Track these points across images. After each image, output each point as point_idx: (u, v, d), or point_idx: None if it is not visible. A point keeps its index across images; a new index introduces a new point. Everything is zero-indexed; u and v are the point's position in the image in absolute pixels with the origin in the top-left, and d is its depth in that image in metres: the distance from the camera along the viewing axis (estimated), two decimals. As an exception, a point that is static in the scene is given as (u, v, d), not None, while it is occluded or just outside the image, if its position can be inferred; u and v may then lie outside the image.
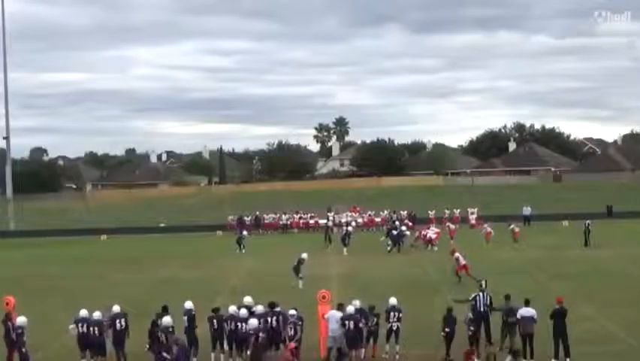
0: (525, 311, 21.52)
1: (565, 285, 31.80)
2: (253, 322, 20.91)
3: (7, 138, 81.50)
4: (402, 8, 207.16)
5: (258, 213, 67.62)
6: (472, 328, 21.68)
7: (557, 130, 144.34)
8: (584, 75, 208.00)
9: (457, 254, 35.16)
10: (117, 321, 21.65)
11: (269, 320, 21.53)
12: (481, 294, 22.75)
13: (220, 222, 67.73)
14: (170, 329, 20.72)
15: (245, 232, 53.03)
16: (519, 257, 42.64)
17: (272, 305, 22.10)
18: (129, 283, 37.49)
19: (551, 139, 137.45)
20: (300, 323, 21.49)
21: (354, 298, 22.84)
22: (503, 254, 44.31)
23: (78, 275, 41.73)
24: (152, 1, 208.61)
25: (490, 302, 22.57)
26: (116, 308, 22.16)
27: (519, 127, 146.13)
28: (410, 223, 57.62)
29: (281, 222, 65.48)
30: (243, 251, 49.50)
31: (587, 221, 49.42)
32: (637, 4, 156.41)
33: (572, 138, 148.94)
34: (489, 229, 51.62)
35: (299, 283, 33.89)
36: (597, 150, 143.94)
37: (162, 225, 71.75)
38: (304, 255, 35.20)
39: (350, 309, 21.77)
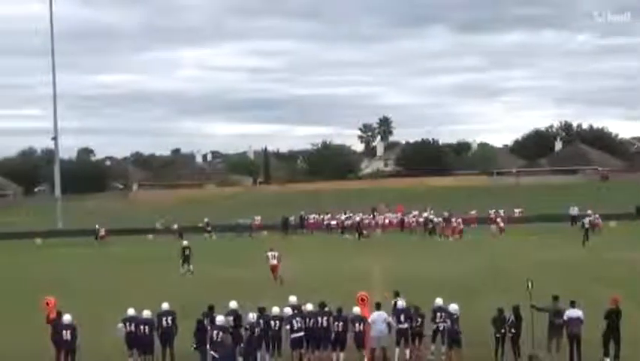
0: (572, 312, 21.31)
1: (608, 287, 31.25)
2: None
3: (55, 139, 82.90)
4: (445, 8, 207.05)
5: (302, 213, 67.73)
6: (512, 330, 21.35)
7: (605, 130, 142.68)
8: (631, 74, 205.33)
9: None
10: (164, 319, 21.84)
11: (319, 319, 21.61)
12: None
13: (266, 222, 67.91)
14: (231, 329, 20.87)
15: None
16: (561, 258, 42.16)
17: (322, 305, 22.18)
18: (173, 283, 37.78)
19: (598, 138, 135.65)
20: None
21: (398, 298, 22.79)
22: (544, 255, 43.88)
23: (124, 274, 42.22)
24: (198, 3, 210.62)
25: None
26: (165, 306, 22.36)
27: (566, 126, 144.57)
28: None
29: (325, 222, 65.34)
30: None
31: (586, 219, 48.62)
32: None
33: (619, 137, 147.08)
34: (502, 224, 51.82)
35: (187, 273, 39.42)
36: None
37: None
38: (185, 242, 41.23)
39: (401, 303, 22.07)
